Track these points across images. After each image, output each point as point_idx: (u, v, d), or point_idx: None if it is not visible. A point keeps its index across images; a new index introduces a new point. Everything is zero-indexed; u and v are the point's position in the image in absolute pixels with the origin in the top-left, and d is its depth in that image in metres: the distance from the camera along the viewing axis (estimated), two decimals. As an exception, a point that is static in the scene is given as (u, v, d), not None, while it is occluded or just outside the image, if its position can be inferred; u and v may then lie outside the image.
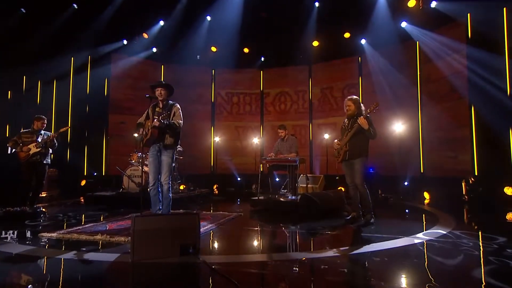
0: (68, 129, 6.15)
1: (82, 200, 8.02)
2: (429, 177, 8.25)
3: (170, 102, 4.79)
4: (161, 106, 4.75)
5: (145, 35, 9.94)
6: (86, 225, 4.68)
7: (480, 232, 4.16)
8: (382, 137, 8.66)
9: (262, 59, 11.14)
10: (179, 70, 10.81)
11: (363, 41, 9.68)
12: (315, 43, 10.34)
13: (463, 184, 6.89)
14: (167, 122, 4.40)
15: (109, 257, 3.19)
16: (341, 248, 3.37)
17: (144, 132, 4.71)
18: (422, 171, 8.49)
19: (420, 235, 3.94)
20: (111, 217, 5.45)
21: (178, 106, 4.75)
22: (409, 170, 8.42)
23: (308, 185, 6.96)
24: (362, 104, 5.04)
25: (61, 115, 9.61)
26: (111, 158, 9.58)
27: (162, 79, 10.91)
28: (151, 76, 10.65)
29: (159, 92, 4.67)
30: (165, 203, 4.73)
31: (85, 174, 9.62)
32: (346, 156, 4.88)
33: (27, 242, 3.73)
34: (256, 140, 10.62)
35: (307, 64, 10.97)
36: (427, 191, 7.71)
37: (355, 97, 5.04)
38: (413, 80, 8.83)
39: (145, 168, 7.04)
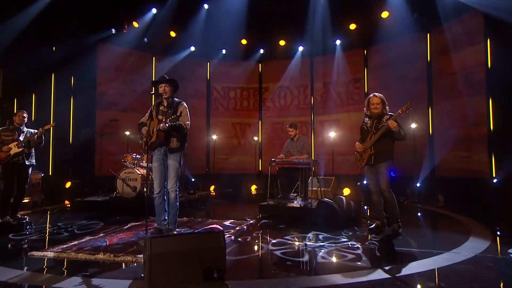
0: (53, 126, 5.66)
1: (68, 204, 7.55)
2: (441, 178, 8.08)
3: (176, 100, 4.46)
4: (165, 104, 4.42)
5: (136, 24, 9.40)
6: (82, 239, 4.26)
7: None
8: None
9: (261, 51, 10.76)
10: (171, 62, 10.30)
11: (369, 33, 9.40)
12: (318, 35, 10.00)
13: (482, 186, 6.72)
14: (174, 124, 4.02)
15: (120, 285, 2.81)
16: (386, 268, 3.08)
17: (148, 134, 4.29)
18: (433, 172, 8.32)
19: (462, 248, 3.69)
20: (108, 227, 5.05)
21: (185, 104, 4.42)
22: (420, 170, 8.23)
23: (320, 188, 6.67)
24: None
25: (42, 111, 9.01)
26: (100, 158, 9.05)
27: (153, 72, 10.41)
28: (141, 68, 10.18)
29: (162, 89, 4.35)
30: (171, 212, 4.42)
31: (70, 175, 9.08)
32: (371, 160, 4.60)
33: (16, 265, 3.29)
34: (260, 141, 10.32)
35: (309, 57, 10.64)
36: (441, 193, 7.53)
37: (380, 94, 4.74)
38: (423, 74, 8.62)
39: (140, 171, 6.64)
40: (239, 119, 11.07)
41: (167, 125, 4.10)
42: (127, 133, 8.28)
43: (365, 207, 5.18)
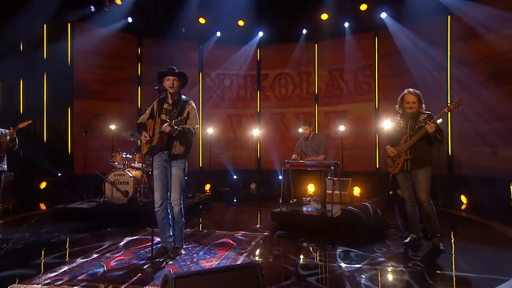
0: (29, 123, 5.10)
1: (44, 208, 7.01)
2: (461, 176, 7.86)
3: (183, 97, 4.05)
4: (170, 102, 3.99)
5: (118, 1, 8.72)
6: (73, 264, 3.79)
7: None
8: None
9: (260, 33, 10.25)
10: (159, 45, 9.76)
11: (383, 15, 9.00)
12: (324, 16, 9.56)
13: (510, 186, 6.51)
14: (181, 129, 3.62)
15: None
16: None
17: (148, 136, 3.86)
18: (452, 170, 8.10)
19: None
20: (100, 244, 4.57)
21: (193, 104, 4.04)
22: (437, 168, 7.98)
23: (335, 191, 6.33)
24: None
25: (10, 101, 8.30)
26: (80, 154, 8.48)
27: (139, 55, 9.76)
28: (125, 52, 9.59)
29: (170, 82, 3.93)
30: (177, 228, 4.06)
31: (44, 174, 8.47)
32: (407, 166, 4.26)
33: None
34: (256, 132, 9.92)
35: (313, 41, 10.21)
36: (463, 194, 7.31)
37: (416, 91, 4.38)
38: (442, 62, 8.30)
39: (132, 173, 6.16)
40: (235, 109, 10.62)
41: (169, 127, 3.66)
42: (112, 127, 7.72)
43: (399, 218, 4.85)
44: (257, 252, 4.23)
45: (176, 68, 4.11)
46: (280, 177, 9.71)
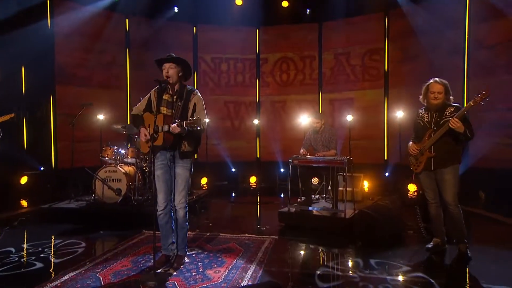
0: (12, 117, 4.85)
1: (25, 206, 6.78)
2: (478, 169, 7.77)
3: (188, 87, 3.81)
4: (171, 92, 3.75)
5: (104, -23, 8.36)
6: (65, 276, 3.60)
7: None
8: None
9: (260, 14, 9.93)
10: (149, 26, 9.45)
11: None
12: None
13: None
14: (190, 128, 3.41)
15: None
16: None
17: (149, 135, 3.64)
18: (467, 163, 7.99)
19: None
20: (93, 251, 4.38)
21: (199, 95, 3.80)
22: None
23: (346, 188, 6.18)
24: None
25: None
26: (64, 145, 8.23)
27: (127, 37, 9.40)
28: (111, 33, 9.15)
29: (166, 71, 3.68)
30: (180, 235, 3.90)
31: (23, 167, 8.19)
32: (431, 164, 4.10)
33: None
34: (255, 121, 9.75)
35: (317, 22, 9.96)
36: (481, 189, 7.23)
37: (443, 80, 4.19)
38: (459, 45, 8.09)
39: (125, 169, 5.99)
40: (232, 96, 10.40)
41: (179, 128, 3.47)
42: (100, 117, 7.46)
43: (420, 220, 4.73)
44: (268, 259, 4.07)
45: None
46: (282, 170, 9.68)
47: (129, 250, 4.40)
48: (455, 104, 4.14)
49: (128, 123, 7.93)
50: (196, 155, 10.07)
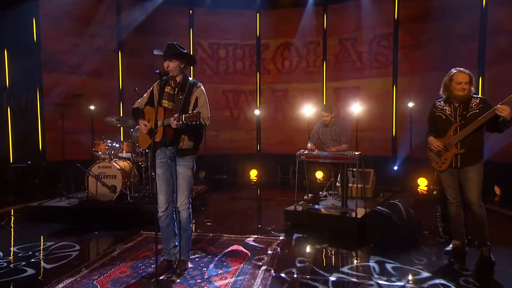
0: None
1: (12, 201, 6.65)
2: (492, 163, 7.67)
3: (191, 80, 3.70)
4: (173, 85, 3.66)
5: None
6: (59, 285, 3.46)
7: None
8: (426, 111, 7.92)
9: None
10: (142, 9, 9.23)
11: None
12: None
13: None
14: (189, 123, 3.28)
15: None
16: None
17: (149, 125, 3.57)
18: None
19: None
20: (89, 254, 4.25)
21: (203, 88, 3.68)
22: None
23: (355, 185, 6.08)
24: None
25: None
26: (53, 137, 8.07)
27: (119, 20, 9.14)
28: (102, 17, 8.96)
29: (166, 64, 3.58)
30: (184, 237, 3.81)
31: (11, 162, 8.03)
32: (458, 162, 3.97)
33: None
34: (256, 111, 9.62)
35: (322, 5, 9.81)
36: (497, 184, 7.16)
37: (467, 70, 4.05)
38: (475, 30, 7.92)
39: (120, 164, 5.91)
40: (231, 85, 10.26)
41: (176, 122, 3.33)
42: (92, 107, 7.29)
43: (440, 220, 4.65)
44: (276, 262, 3.97)
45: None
46: (284, 163, 9.58)
47: (127, 254, 4.28)
48: (478, 96, 4.00)
49: (121, 115, 7.80)
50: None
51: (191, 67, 9.06)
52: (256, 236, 4.90)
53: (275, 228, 5.31)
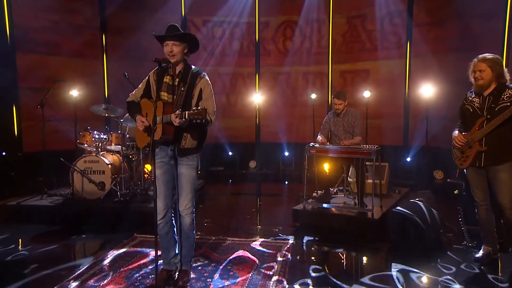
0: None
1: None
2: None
3: (193, 68, 3.52)
4: (172, 74, 3.47)
5: None
6: (47, 300, 3.30)
7: None
8: (444, 97, 7.86)
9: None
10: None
11: None
12: None
13: None
14: (193, 121, 3.09)
15: None
16: None
17: (147, 122, 3.39)
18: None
19: None
20: (76, 261, 4.09)
21: (207, 78, 3.50)
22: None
23: (369, 180, 5.95)
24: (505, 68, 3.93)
25: None
26: (29, 126, 7.83)
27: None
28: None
29: (169, 48, 3.36)
30: (186, 245, 3.65)
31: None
32: (481, 160, 3.83)
33: None
34: (256, 97, 9.44)
35: (327, -21, 9.54)
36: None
37: (491, 55, 3.88)
38: (498, 6, 7.71)
39: (109, 158, 5.84)
40: (228, 68, 10.01)
41: (184, 120, 3.13)
42: (74, 93, 7.05)
43: (463, 222, 4.53)
44: (289, 273, 3.83)
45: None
46: (287, 154, 9.49)
47: (121, 262, 4.12)
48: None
49: (107, 101, 7.59)
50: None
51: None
52: (262, 239, 4.78)
53: (282, 229, 5.21)
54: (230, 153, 9.73)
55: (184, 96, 3.36)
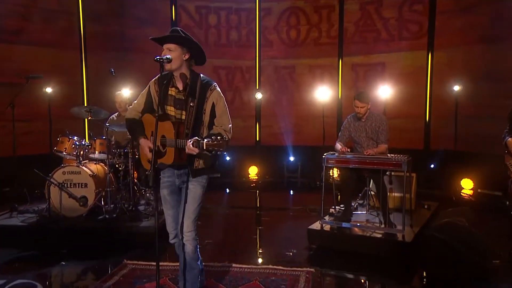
0: None
1: None
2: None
3: (202, 78, 3.34)
4: (177, 83, 3.30)
5: None
6: None
7: None
8: (472, 95, 7.71)
9: None
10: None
11: None
12: None
13: None
14: (212, 151, 2.93)
15: None
16: None
17: (152, 145, 3.17)
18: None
19: None
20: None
21: (219, 90, 3.39)
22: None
23: (395, 194, 5.74)
24: None
25: None
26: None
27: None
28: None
29: (164, 51, 3.20)
30: (189, 278, 3.50)
31: None
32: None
33: None
34: (258, 96, 9.31)
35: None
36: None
37: None
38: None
39: (92, 168, 5.74)
40: (224, 60, 10.00)
41: (199, 149, 2.97)
42: (48, 90, 7.05)
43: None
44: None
45: None
46: (292, 158, 9.34)
47: (109, 298, 3.83)
48: None
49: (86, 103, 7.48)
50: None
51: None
52: (275, 267, 4.51)
53: (297, 253, 5.00)
54: (228, 158, 9.54)
55: (195, 113, 3.22)
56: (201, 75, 3.33)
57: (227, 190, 8.67)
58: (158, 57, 3.01)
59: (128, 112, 3.49)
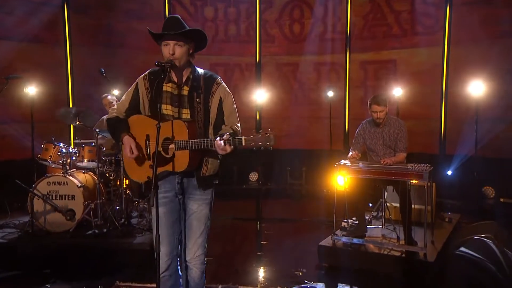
0: None
1: None
2: None
3: (204, 72, 3.21)
4: (176, 78, 3.12)
5: None
6: None
7: None
8: (492, 95, 7.67)
9: None
10: None
11: None
12: None
13: None
14: (254, 147, 2.82)
15: None
16: None
17: (135, 155, 3.06)
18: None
19: None
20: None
21: (225, 85, 3.22)
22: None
23: (414, 206, 5.64)
24: None
25: None
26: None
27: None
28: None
29: (170, 49, 2.98)
30: None
31: None
32: None
33: None
34: (259, 95, 9.22)
35: None
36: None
37: None
38: None
39: (80, 178, 5.71)
40: (221, 56, 10.04)
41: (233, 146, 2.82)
42: (31, 90, 7.02)
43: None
44: None
45: None
46: (296, 163, 9.24)
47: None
48: None
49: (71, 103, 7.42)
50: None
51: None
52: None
53: (307, 272, 4.92)
54: (225, 163, 9.37)
55: (203, 110, 3.07)
56: (199, 69, 3.21)
57: (226, 199, 8.60)
58: (159, 62, 2.84)
59: (110, 113, 3.29)
